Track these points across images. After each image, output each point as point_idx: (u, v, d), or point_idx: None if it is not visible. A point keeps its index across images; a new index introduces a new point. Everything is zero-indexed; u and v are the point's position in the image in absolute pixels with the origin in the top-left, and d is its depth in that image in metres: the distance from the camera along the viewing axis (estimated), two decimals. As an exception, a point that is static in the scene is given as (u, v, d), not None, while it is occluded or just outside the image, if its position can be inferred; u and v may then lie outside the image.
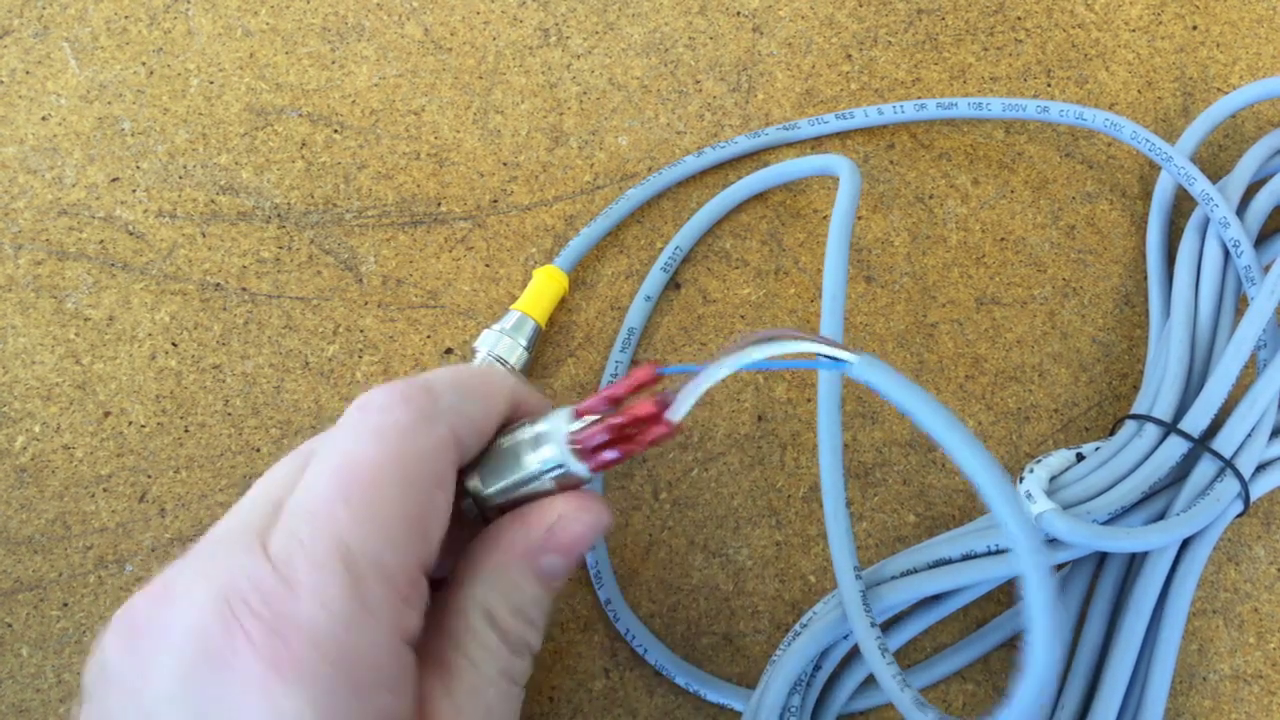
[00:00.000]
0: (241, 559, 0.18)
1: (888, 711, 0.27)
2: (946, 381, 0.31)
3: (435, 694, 0.20)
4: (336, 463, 0.19)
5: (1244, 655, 0.28)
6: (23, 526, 0.29)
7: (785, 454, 0.30)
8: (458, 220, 0.32)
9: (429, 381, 0.21)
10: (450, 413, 0.20)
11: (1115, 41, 0.35)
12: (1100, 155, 0.33)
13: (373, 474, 0.19)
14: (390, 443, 0.19)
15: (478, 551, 0.22)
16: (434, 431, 0.20)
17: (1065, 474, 0.27)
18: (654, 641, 0.27)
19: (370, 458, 0.19)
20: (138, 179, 0.32)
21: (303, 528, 0.18)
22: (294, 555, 0.18)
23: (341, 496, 0.19)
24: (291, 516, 0.19)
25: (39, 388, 0.30)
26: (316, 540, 0.18)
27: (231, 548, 0.19)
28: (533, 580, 0.21)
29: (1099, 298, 0.32)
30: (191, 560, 0.19)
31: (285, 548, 0.18)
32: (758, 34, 0.35)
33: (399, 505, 0.19)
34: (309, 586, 0.18)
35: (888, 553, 0.29)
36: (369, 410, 0.20)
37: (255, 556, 0.18)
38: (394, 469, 0.19)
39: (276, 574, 0.18)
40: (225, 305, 0.31)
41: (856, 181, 0.29)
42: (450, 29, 0.35)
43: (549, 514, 0.21)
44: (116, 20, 0.34)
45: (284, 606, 0.17)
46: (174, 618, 0.18)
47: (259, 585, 0.18)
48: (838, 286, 0.27)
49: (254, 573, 0.18)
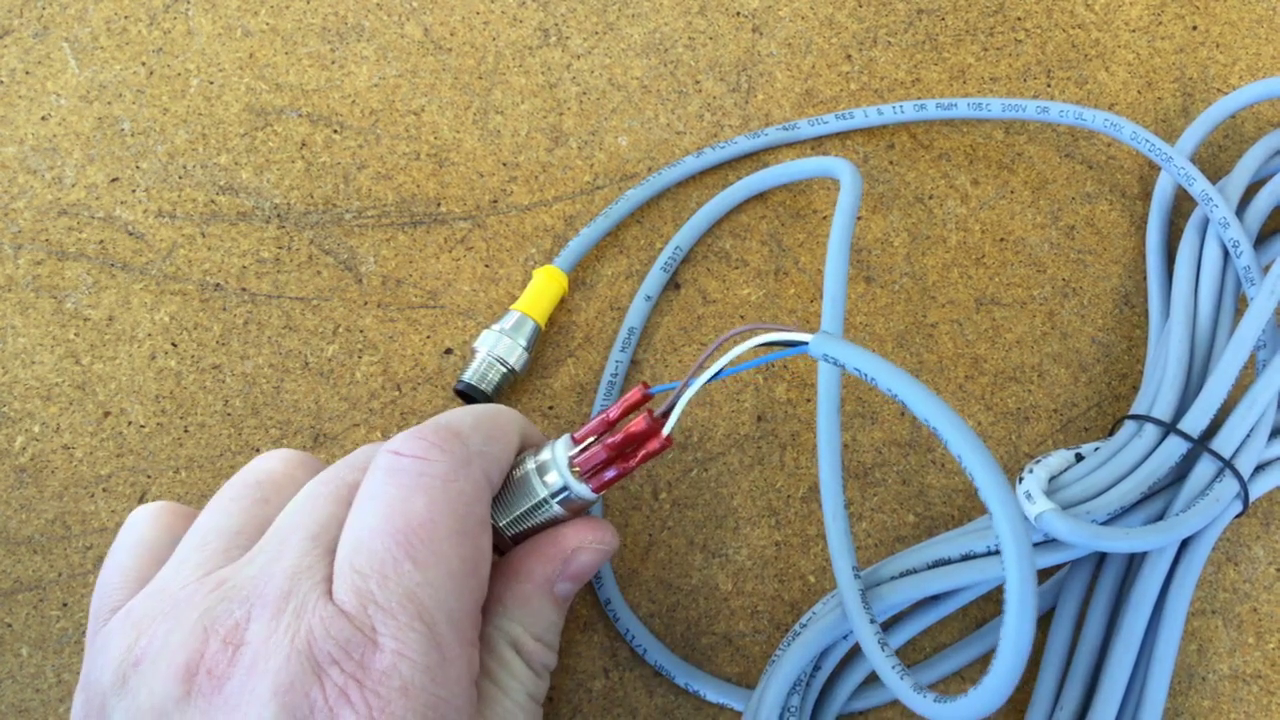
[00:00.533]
0: (319, 614, 0.19)
1: (887, 711, 0.27)
2: (946, 381, 0.31)
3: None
4: (391, 523, 0.20)
5: (1243, 655, 0.28)
6: (23, 526, 0.29)
7: (785, 454, 0.30)
8: (457, 220, 0.32)
9: (455, 426, 0.22)
10: (479, 456, 0.21)
11: (1115, 42, 0.35)
12: (1100, 155, 0.33)
13: (430, 529, 0.20)
14: (438, 494, 0.20)
15: (497, 584, 0.22)
16: (471, 476, 0.21)
17: (1065, 474, 0.27)
18: (653, 641, 0.27)
19: (423, 512, 0.20)
20: (137, 179, 0.32)
21: (374, 588, 0.19)
22: (373, 614, 0.19)
23: (406, 554, 0.19)
24: (357, 576, 0.19)
25: (39, 388, 0.30)
26: (390, 598, 0.19)
27: (301, 600, 0.19)
28: (550, 607, 0.23)
29: (1099, 298, 0.32)
30: (257, 609, 0.19)
31: (359, 603, 0.19)
32: (757, 34, 0.35)
33: (456, 554, 0.20)
34: (394, 643, 0.18)
35: (887, 552, 0.29)
36: (403, 461, 0.21)
37: (334, 612, 0.19)
38: (446, 520, 0.20)
39: (360, 632, 0.18)
40: (225, 305, 0.31)
41: (858, 185, 0.29)
42: (450, 29, 0.35)
43: (565, 545, 0.23)
44: (116, 20, 0.34)
45: (371, 662, 0.18)
46: (259, 680, 0.18)
47: (345, 643, 0.18)
48: (838, 290, 0.27)
49: (338, 630, 0.18)
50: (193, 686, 0.18)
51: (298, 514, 0.21)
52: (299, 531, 0.20)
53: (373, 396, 0.30)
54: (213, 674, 0.18)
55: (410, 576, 0.19)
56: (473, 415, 0.22)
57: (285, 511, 0.21)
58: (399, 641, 0.18)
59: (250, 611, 0.19)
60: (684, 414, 0.30)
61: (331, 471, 0.22)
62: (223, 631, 0.19)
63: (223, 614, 0.19)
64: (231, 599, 0.19)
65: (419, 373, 0.30)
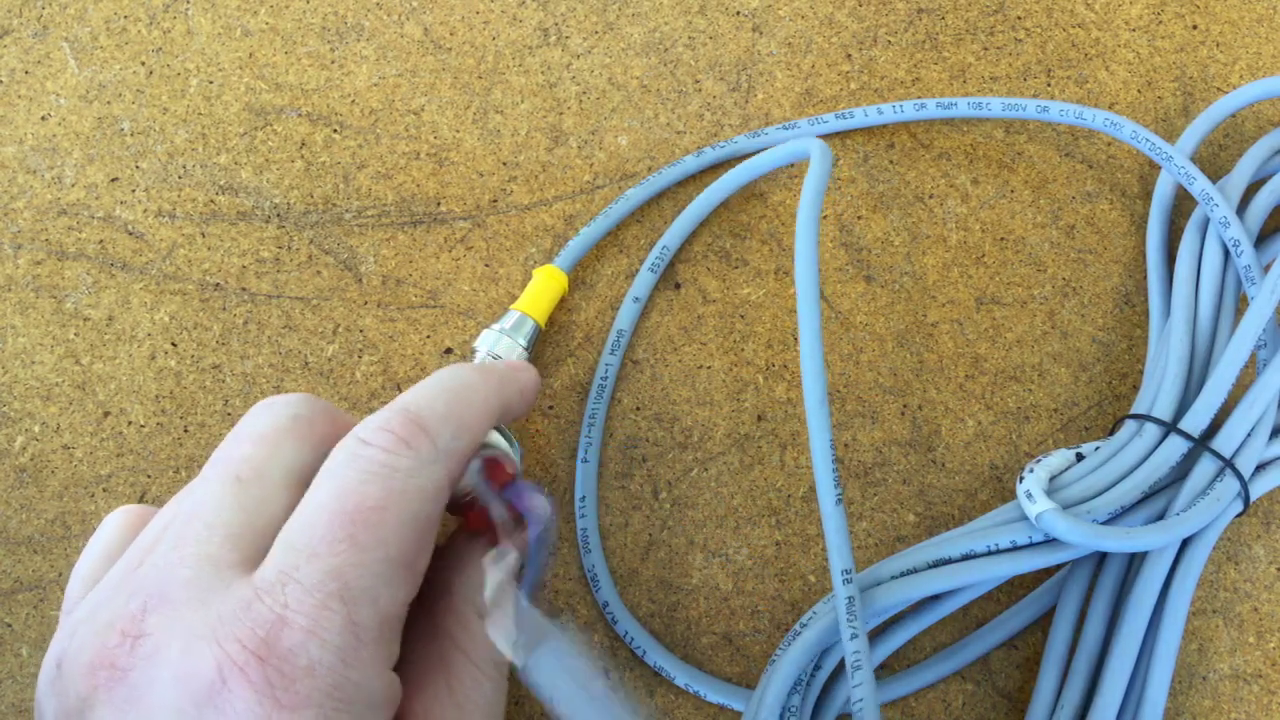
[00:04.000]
0: (226, 596, 0.18)
1: (888, 711, 0.27)
2: (946, 381, 0.31)
3: (440, 693, 0.21)
4: (340, 503, 0.19)
5: (1244, 655, 0.28)
6: (23, 526, 0.29)
7: (785, 454, 0.30)
8: (457, 220, 0.32)
9: (426, 419, 0.21)
10: (446, 456, 0.21)
11: (1115, 41, 0.35)
12: (1100, 155, 0.33)
13: (378, 514, 0.19)
14: (394, 485, 0.20)
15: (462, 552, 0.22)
16: (434, 476, 0.21)
17: (1065, 474, 0.27)
18: (652, 642, 0.27)
19: (375, 499, 0.19)
20: (137, 179, 0.32)
21: (300, 564, 0.19)
22: (290, 590, 0.18)
23: (347, 534, 0.19)
24: (289, 551, 0.19)
25: (39, 388, 0.30)
26: (313, 575, 0.18)
27: (207, 585, 0.19)
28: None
29: (1099, 297, 0.32)
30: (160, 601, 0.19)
31: (279, 583, 0.18)
32: (757, 34, 0.35)
33: (397, 546, 0.19)
34: (305, 621, 0.18)
35: (888, 552, 0.29)
36: (370, 449, 0.20)
37: (242, 592, 0.18)
38: (396, 512, 0.20)
39: (270, 609, 0.18)
40: (225, 305, 0.31)
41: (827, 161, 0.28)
42: (450, 29, 0.35)
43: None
44: (116, 20, 0.34)
45: (279, 640, 0.18)
46: (160, 669, 0.18)
47: (251, 621, 0.18)
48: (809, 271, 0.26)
49: (244, 609, 0.18)
50: (98, 682, 0.18)
51: (189, 502, 0.21)
52: (197, 519, 0.20)
53: (373, 396, 0.30)
54: (115, 667, 0.18)
55: (343, 556, 0.19)
56: (445, 402, 0.22)
57: (184, 500, 0.21)
58: (312, 620, 0.18)
59: (147, 602, 0.19)
60: (684, 414, 0.30)
61: (221, 450, 0.22)
62: (121, 625, 0.18)
63: (121, 607, 0.19)
64: (134, 592, 0.19)
65: (419, 372, 0.30)
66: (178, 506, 0.21)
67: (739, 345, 0.31)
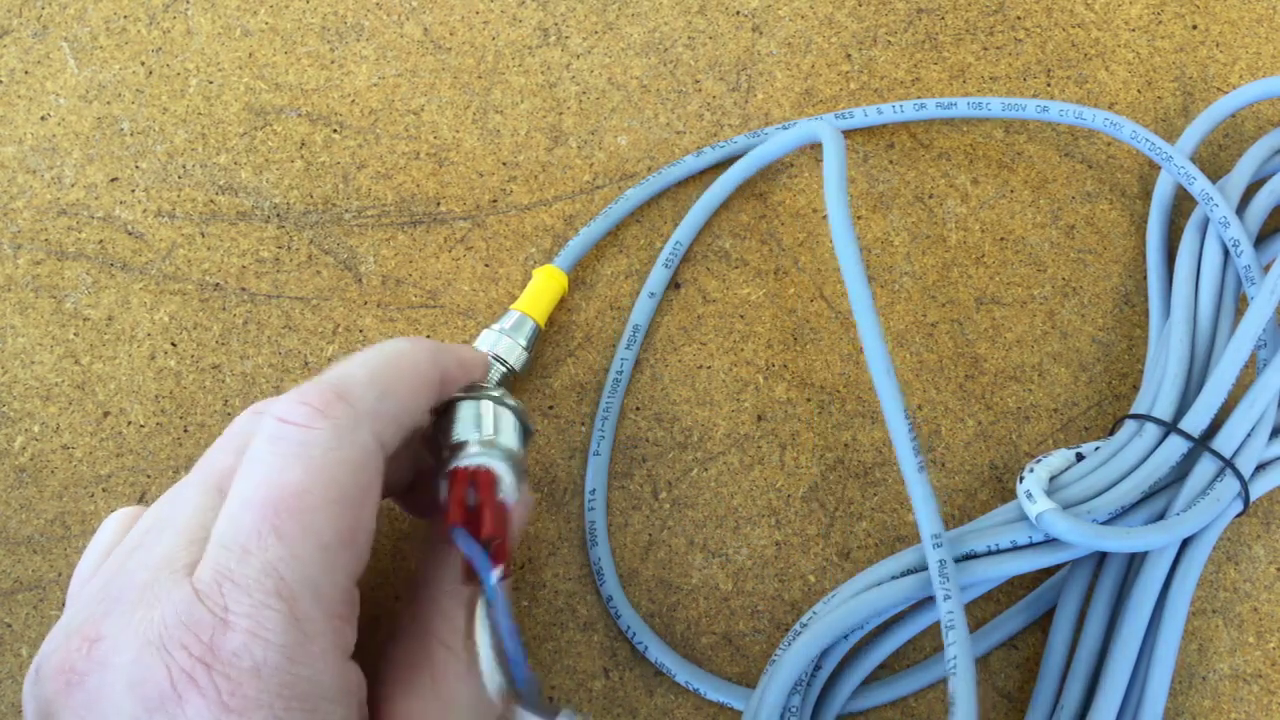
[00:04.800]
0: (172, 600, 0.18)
1: (888, 711, 0.27)
2: (946, 381, 0.31)
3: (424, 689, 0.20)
4: (263, 494, 0.19)
5: (1243, 655, 0.28)
6: (23, 526, 0.29)
7: (785, 454, 0.30)
8: (457, 220, 0.32)
9: (343, 385, 0.20)
10: (369, 417, 0.20)
11: (1115, 41, 0.35)
12: (1100, 155, 0.33)
13: (301, 500, 0.19)
14: (314, 463, 0.19)
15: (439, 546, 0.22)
16: (356, 442, 0.20)
17: (1065, 474, 0.27)
18: (654, 638, 0.27)
19: (296, 483, 0.19)
20: (137, 179, 0.32)
21: (233, 564, 0.18)
22: (227, 592, 0.18)
23: (271, 528, 0.18)
24: (221, 551, 0.18)
25: (38, 388, 0.30)
26: (248, 574, 0.18)
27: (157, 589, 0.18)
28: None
29: (1099, 297, 0.32)
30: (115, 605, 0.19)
31: (216, 584, 0.18)
32: (757, 34, 0.35)
33: (330, 528, 0.19)
34: (246, 622, 0.18)
35: (888, 552, 0.29)
36: (286, 428, 0.20)
37: (186, 595, 0.18)
38: (321, 492, 0.19)
39: (211, 613, 0.18)
40: (225, 305, 0.31)
41: (840, 143, 0.28)
42: (450, 29, 0.35)
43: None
44: (115, 20, 0.34)
45: (223, 645, 0.18)
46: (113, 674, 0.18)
47: (194, 626, 0.18)
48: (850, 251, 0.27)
49: (187, 613, 0.18)
50: (59, 686, 0.18)
51: (167, 506, 0.20)
52: (169, 525, 0.20)
53: (372, 396, 0.30)
54: (75, 671, 0.18)
55: (273, 550, 0.18)
56: (369, 368, 0.21)
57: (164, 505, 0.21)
58: (252, 620, 0.18)
59: (108, 607, 0.18)
60: (685, 414, 0.30)
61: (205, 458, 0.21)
62: (84, 629, 0.18)
63: (84, 612, 0.19)
64: (102, 597, 0.19)
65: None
66: (158, 511, 0.21)
67: (739, 345, 0.31)
